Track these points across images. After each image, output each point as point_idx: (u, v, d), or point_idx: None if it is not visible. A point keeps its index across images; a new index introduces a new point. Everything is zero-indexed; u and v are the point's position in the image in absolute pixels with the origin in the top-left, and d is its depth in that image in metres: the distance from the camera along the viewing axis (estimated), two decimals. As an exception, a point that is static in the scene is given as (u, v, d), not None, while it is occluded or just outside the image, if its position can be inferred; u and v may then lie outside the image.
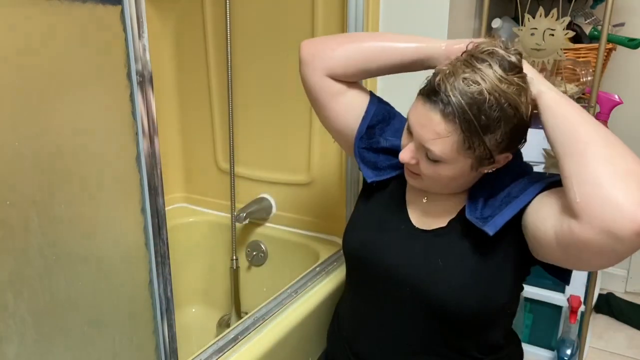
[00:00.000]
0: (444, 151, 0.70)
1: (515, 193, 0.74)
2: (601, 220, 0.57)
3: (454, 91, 0.67)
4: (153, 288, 0.69)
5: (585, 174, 0.60)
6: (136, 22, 0.59)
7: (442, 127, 0.69)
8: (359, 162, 0.91)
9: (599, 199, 0.57)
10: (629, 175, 0.58)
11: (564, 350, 1.50)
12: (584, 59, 1.34)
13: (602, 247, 0.58)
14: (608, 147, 0.61)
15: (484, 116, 0.67)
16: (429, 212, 0.84)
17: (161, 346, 0.71)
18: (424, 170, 0.75)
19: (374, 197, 0.92)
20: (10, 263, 0.53)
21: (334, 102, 0.89)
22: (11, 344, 0.54)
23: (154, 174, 0.65)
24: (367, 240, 0.88)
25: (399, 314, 0.84)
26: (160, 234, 0.68)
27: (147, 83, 0.62)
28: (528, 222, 0.71)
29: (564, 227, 0.62)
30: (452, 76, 0.68)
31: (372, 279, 0.87)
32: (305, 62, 0.87)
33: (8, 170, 0.51)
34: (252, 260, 1.53)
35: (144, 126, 0.63)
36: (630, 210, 0.55)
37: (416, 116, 0.73)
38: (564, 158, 0.64)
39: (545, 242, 0.67)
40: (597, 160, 0.60)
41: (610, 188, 0.57)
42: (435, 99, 0.69)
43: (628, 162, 0.60)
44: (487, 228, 0.72)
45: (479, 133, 0.68)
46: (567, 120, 0.65)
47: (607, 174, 0.58)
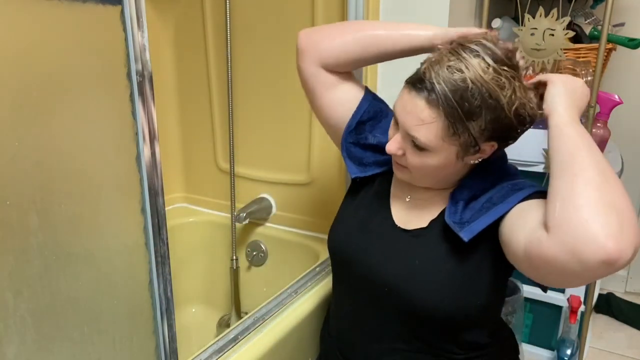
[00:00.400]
0: (429, 137, 0.71)
1: (496, 199, 0.74)
2: (572, 241, 0.57)
3: (438, 78, 0.69)
4: (153, 288, 0.69)
5: (572, 194, 0.60)
6: (136, 22, 0.59)
7: (426, 114, 0.70)
8: (345, 157, 0.92)
9: (576, 220, 0.57)
10: (613, 207, 0.58)
11: (564, 350, 1.50)
12: (584, 59, 1.34)
13: (565, 267, 0.58)
14: (602, 177, 0.61)
15: (466, 103, 0.68)
16: (411, 211, 0.85)
17: (161, 346, 0.71)
18: (411, 160, 0.75)
19: (359, 195, 0.92)
20: (10, 263, 0.53)
21: (328, 93, 0.90)
22: (11, 344, 0.54)
23: (154, 174, 0.65)
24: (350, 238, 0.88)
25: (379, 313, 0.84)
26: (160, 234, 0.68)
27: (147, 83, 0.62)
28: (504, 229, 0.71)
29: (534, 238, 0.62)
30: (438, 64, 0.70)
31: (354, 277, 0.88)
32: (300, 52, 0.89)
33: (8, 170, 0.51)
34: (252, 260, 1.53)
35: (143, 126, 0.63)
36: (602, 240, 0.55)
37: (402, 104, 0.73)
38: (556, 176, 0.64)
39: (515, 251, 0.67)
40: (588, 185, 0.60)
41: (590, 214, 0.57)
42: (420, 86, 0.70)
43: (616, 195, 0.59)
44: (463, 234, 0.72)
45: (462, 119, 0.69)
46: (572, 143, 0.65)
47: (593, 200, 0.58)
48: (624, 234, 0.56)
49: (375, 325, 0.85)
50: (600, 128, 1.35)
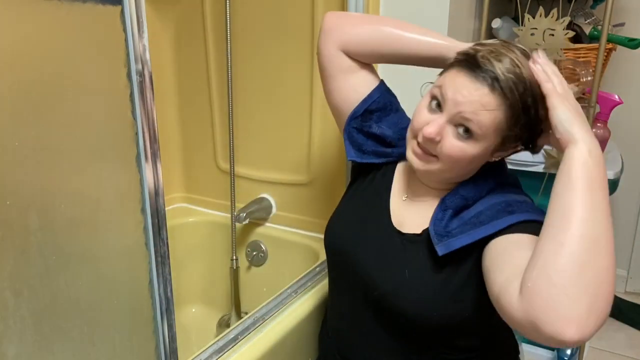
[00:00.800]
0: (486, 124, 0.69)
1: (485, 218, 0.72)
2: (536, 314, 0.56)
3: (502, 69, 0.68)
4: (153, 288, 0.69)
5: (551, 266, 0.57)
6: (136, 22, 0.59)
7: (488, 100, 0.68)
8: (345, 139, 0.91)
9: (546, 296, 0.55)
10: (588, 291, 0.55)
11: (564, 350, 1.50)
12: (584, 59, 1.34)
13: (523, 330, 0.59)
14: (589, 251, 0.57)
15: (527, 99, 0.68)
16: (407, 211, 0.84)
17: (161, 346, 0.71)
18: (447, 148, 0.72)
19: (359, 190, 0.92)
20: (10, 263, 0.53)
21: (343, 77, 0.89)
22: (11, 344, 0.54)
23: (154, 174, 0.65)
24: (346, 237, 0.88)
25: (371, 315, 0.84)
26: (160, 234, 0.68)
27: (147, 83, 0.62)
28: (486, 257, 0.70)
29: (508, 291, 0.61)
30: (497, 55, 0.69)
31: (349, 275, 0.87)
32: (324, 31, 0.88)
33: (8, 170, 0.51)
34: (252, 260, 1.53)
35: (143, 126, 0.63)
36: (564, 324, 0.54)
37: (454, 87, 0.70)
38: (545, 234, 0.60)
39: (489, 287, 0.66)
40: (571, 261, 0.56)
41: (562, 294, 0.55)
42: (482, 73, 0.68)
43: (597, 274, 0.56)
44: (439, 247, 0.71)
45: (520, 114, 0.69)
46: (574, 197, 0.59)
47: (570, 280, 0.55)
48: (589, 321, 0.54)
49: (372, 326, 0.85)
50: (600, 128, 1.35)
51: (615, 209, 2.07)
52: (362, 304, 0.85)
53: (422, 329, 0.78)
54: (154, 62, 0.61)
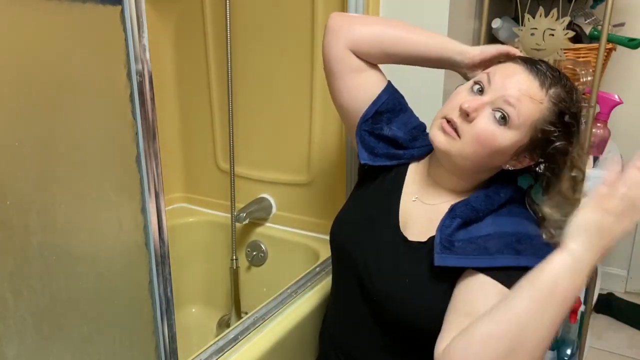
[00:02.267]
0: (525, 113, 0.70)
1: (491, 247, 0.70)
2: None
3: (560, 76, 0.72)
4: (153, 288, 0.69)
5: (471, 345, 0.59)
6: (136, 22, 0.59)
7: (537, 92, 0.71)
8: (358, 142, 0.90)
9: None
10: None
11: (564, 350, 1.50)
12: (584, 59, 1.34)
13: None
14: (514, 352, 0.57)
15: (571, 117, 0.72)
16: (416, 216, 0.83)
17: (161, 346, 0.71)
18: (479, 129, 0.71)
19: (368, 190, 0.92)
20: (10, 263, 0.53)
21: (350, 77, 0.88)
22: (11, 344, 0.54)
23: (154, 174, 0.65)
24: (353, 235, 0.87)
25: (373, 315, 0.84)
26: (160, 234, 0.68)
27: (147, 83, 0.62)
28: (460, 282, 0.71)
29: (441, 336, 0.65)
30: (556, 67, 0.74)
31: (351, 273, 0.87)
32: (332, 30, 0.87)
33: (8, 170, 0.51)
34: (252, 260, 1.53)
35: (143, 126, 0.63)
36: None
37: (507, 73, 0.72)
38: (491, 311, 0.60)
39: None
40: (489, 350, 0.58)
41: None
42: (536, 68, 0.72)
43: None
44: (437, 257, 0.71)
45: (558, 124, 0.71)
46: (535, 302, 0.58)
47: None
48: None
49: (370, 326, 0.85)
50: (600, 128, 1.35)
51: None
52: (362, 303, 0.85)
53: (419, 334, 0.78)
54: (154, 62, 0.61)
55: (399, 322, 0.79)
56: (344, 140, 1.31)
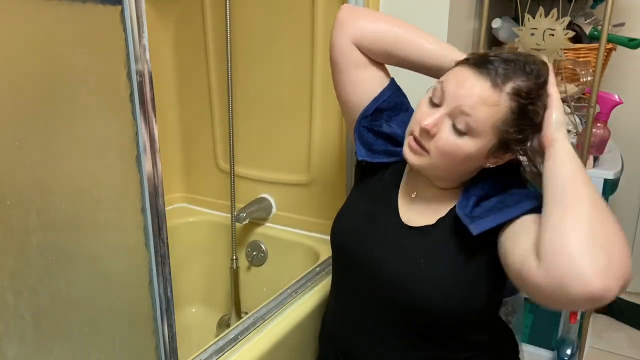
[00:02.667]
0: (483, 119, 0.69)
1: (510, 202, 0.73)
2: (558, 275, 0.58)
3: (513, 69, 0.69)
4: (153, 288, 0.69)
5: (562, 226, 0.60)
6: (136, 22, 0.59)
7: (489, 94, 0.69)
8: (356, 138, 0.91)
9: (564, 255, 0.58)
10: (602, 244, 0.58)
11: (564, 350, 1.50)
12: (584, 59, 1.34)
13: (551, 297, 0.59)
14: (595, 211, 0.61)
15: (533, 105, 0.70)
16: (418, 208, 0.84)
17: (161, 346, 0.71)
18: (442, 143, 0.72)
19: (367, 187, 0.92)
20: (10, 263, 0.53)
21: (353, 72, 0.88)
22: (11, 344, 0.54)
23: (154, 174, 0.65)
24: (354, 231, 0.88)
25: (378, 309, 0.84)
26: (160, 234, 0.67)
27: (147, 83, 0.62)
28: (504, 237, 0.71)
29: (527, 263, 0.63)
30: (507, 57, 0.70)
31: (354, 270, 0.87)
32: (338, 22, 0.87)
33: (8, 170, 0.51)
34: (252, 260, 1.53)
35: (143, 126, 0.63)
36: (587, 278, 0.56)
37: (456, 81, 0.71)
38: (551, 204, 0.64)
39: (510, 266, 0.68)
40: (579, 219, 0.60)
41: (578, 249, 0.58)
42: (486, 68, 0.69)
43: (607, 231, 0.60)
44: (472, 226, 0.72)
45: (522, 118, 0.70)
46: (568, 174, 0.65)
47: (583, 235, 0.58)
48: (610, 272, 0.56)
49: (376, 323, 0.85)
50: (600, 128, 1.35)
51: (616, 209, 2.06)
52: (369, 299, 0.85)
53: (434, 320, 0.78)
54: (154, 62, 0.61)
55: (415, 305, 0.79)
56: (344, 140, 1.31)
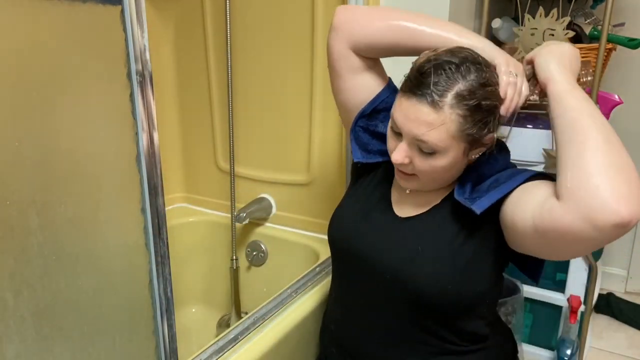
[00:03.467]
0: (440, 139, 0.70)
1: (503, 179, 0.75)
2: (585, 207, 0.59)
3: (445, 78, 0.69)
4: (153, 288, 0.69)
5: (581, 161, 0.61)
6: (136, 22, 0.59)
7: (433, 117, 0.69)
8: (352, 140, 0.91)
9: (588, 187, 0.59)
10: (621, 170, 0.60)
11: (564, 350, 1.50)
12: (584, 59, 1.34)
13: (579, 234, 0.60)
14: (607, 141, 0.63)
15: (474, 99, 0.70)
16: (411, 200, 0.85)
17: (161, 346, 0.71)
18: (419, 166, 0.75)
19: (362, 186, 0.93)
20: (10, 263, 0.53)
21: (351, 76, 0.88)
22: (11, 344, 0.54)
23: (154, 174, 0.65)
24: (350, 228, 0.88)
25: (381, 303, 0.84)
26: (160, 234, 0.68)
27: (147, 83, 0.62)
28: (507, 209, 0.72)
29: (545, 210, 0.64)
30: (436, 67, 0.70)
31: (354, 267, 0.88)
32: (334, 28, 0.86)
33: (8, 170, 0.51)
34: (252, 260, 1.53)
35: (143, 126, 0.63)
36: (614, 205, 0.58)
37: (403, 113, 0.73)
38: (564, 145, 0.65)
39: (522, 228, 0.68)
40: (595, 151, 0.62)
41: (601, 179, 0.59)
42: (421, 91, 0.70)
43: (622, 158, 0.62)
44: (475, 207, 0.72)
45: (472, 115, 0.70)
46: (574, 110, 0.66)
47: (602, 165, 0.60)
48: (633, 195, 0.58)
49: (376, 319, 0.85)
50: (600, 128, 1.35)
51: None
52: (371, 294, 0.85)
53: (433, 307, 0.79)
54: (154, 62, 0.61)
55: (415, 292, 0.79)
56: (344, 140, 1.31)
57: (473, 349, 0.84)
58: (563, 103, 0.68)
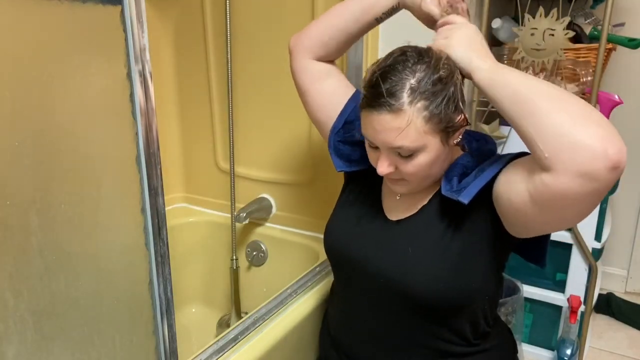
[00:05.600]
0: (413, 139, 0.71)
1: (486, 167, 0.76)
2: (575, 166, 0.58)
3: (395, 81, 0.70)
4: (153, 288, 0.69)
5: (544, 129, 0.61)
6: (136, 22, 0.59)
7: (398, 122, 0.70)
8: (331, 153, 0.93)
9: (567, 147, 0.59)
10: (585, 116, 0.60)
11: (564, 350, 1.50)
12: (584, 59, 1.34)
13: (580, 192, 0.60)
14: (553, 98, 0.63)
15: (429, 87, 0.70)
16: (402, 204, 0.86)
17: (161, 346, 0.71)
18: (405, 170, 0.75)
19: (353, 193, 0.94)
20: (10, 263, 0.53)
21: (316, 87, 0.93)
22: (11, 344, 0.54)
23: (154, 174, 0.65)
24: (344, 237, 0.89)
25: (379, 309, 0.84)
26: (160, 234, 0.68)
27: (147, 83, 0.62)
28: (500, 191, 0.72)
29: (538, 185, 0.63)
30: (384, 73, 0.71)
31: (352, 275, 0.88)
32: (291, 52, 0.95)
33: (8, 170, 0.51)
34: (252, 260, 1.53)
35: (143, 126, 0.63)
36: (599, 148, 0.57)
37: (370, 128, 0.73)
38: (518, 122, 0.65)
39: (522, 207, 0.68)
40: (549, 113, 0.61)
41: (573, 134, 0.59)
42: (378, 102, 0.70)
43: (577, 104, 0.61)
44: (462, 197, 0.72)
45: (437, 103, 0.70)
46: (507, 87, 0.66)
47: (564, 121, 0.60)
48: (610, 133, 0.58)
49: (376, 324, 0.85)
50: (600, 128, 1.35)
51: (616, 209, 2.07)
52: (368, 298, 0.86)
53: (430, 305, 0.79)
54: (154, 62, 0.61)
55: (408, 294, 0.79)
56: (344, 140, 1.31)
57: (473, 350, 0.84)
58: (495, 85, 0.68)
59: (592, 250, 1.50)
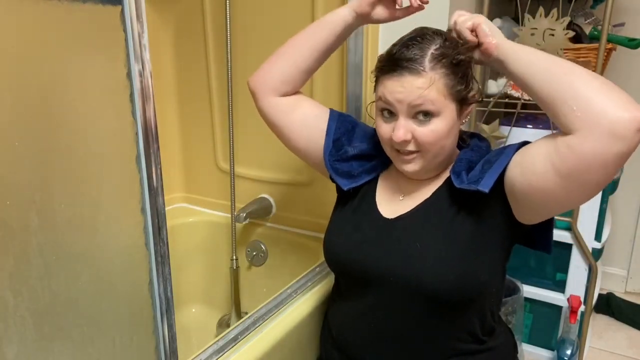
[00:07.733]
0: (434, 98, 0.74)
1: (493, 158, 0.77)
2: (602, 125, 0.61)
3: (416, 49, 0.74)
4: (153, 288, 0.69)
5: (577, 88, 0.65)
6: (136, 22, 0.59)
7: (421, 81, 0.74)
8: (333, 175, 0.93)
9: (597, 106, 0.62)
10: (611, 86, 0.64)
11: (564, 350, 1.50)
12: (584, 59, 1.34)
13: (606, 153, 0.62)
14: (585, 71, 0.67)
15: (448, 56, 0.75)
16: (403, 204, 0.86)
17: (161, 346, 0.71)
18: (421, 136, 0.76)
19: (347, 204, 0.94)
20: (10, 263, 0.53)
21: (290, 118, 0.94)
22: (11, 344, 0.54)
23: (153, 174, 0.65)
24: (345, 246, 0.89)
25: (388, 309, 0.84)
26: (160, 234, 0.68)
27: (147, 83, 0.62)
28: (514, 178, 0.73)
29: (562, 151, 0.65)
30: (405, 43, 0.76)
31: (355, 279, 0.88)
32: (253, 93, 0.95)
33: (8, 170, 0.51)
34: (252, 260, 1.53)
35: (143, 126, 0.63)
36: (626, 112, 0.61)
37: (391, 90, 0.76)
38: (549, 84, 0.68)
39: (543, 184, 0.69)
40: (584, 78, 0.65)
41: (604, 95, 0.63)
42: (400, 67, 0.74)
43: (602, 78, 0.66)
44: (481, 187, 0.74)
45: (451, 70, 0.75)
46: (537, 52, 0.71)
47: (597, 87, 0.64)
48: (632, 101, 0.62)
49: (383, 325, 0.85)
50: (600, 128, 1.35)
51: (615, 209, 2.07)
52: (375, 299, 0.85)
53: (437, 302, 0.79)
54: (154, 62, 0.61)
55: (418, 289, 0.79)
56: (344, 140, 1.31)
57: (482, 348, 0.84)
58: (525, 49, 0.73)
59: (592, 250, 1.51)
